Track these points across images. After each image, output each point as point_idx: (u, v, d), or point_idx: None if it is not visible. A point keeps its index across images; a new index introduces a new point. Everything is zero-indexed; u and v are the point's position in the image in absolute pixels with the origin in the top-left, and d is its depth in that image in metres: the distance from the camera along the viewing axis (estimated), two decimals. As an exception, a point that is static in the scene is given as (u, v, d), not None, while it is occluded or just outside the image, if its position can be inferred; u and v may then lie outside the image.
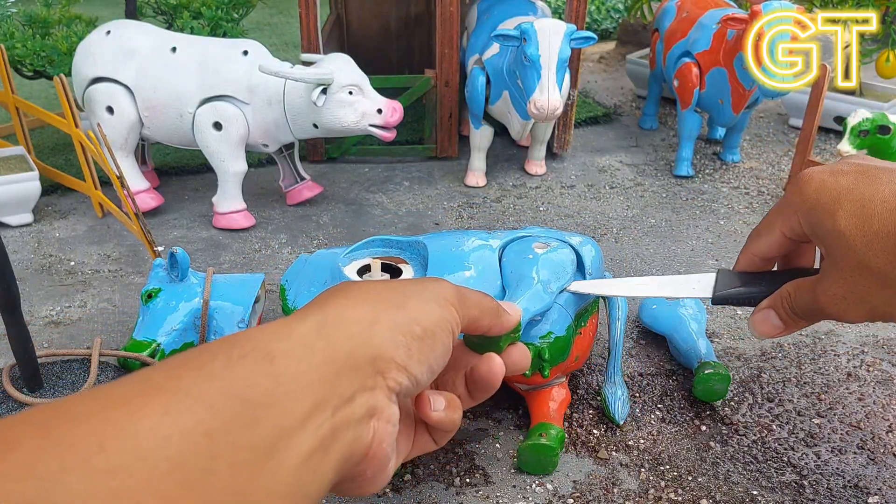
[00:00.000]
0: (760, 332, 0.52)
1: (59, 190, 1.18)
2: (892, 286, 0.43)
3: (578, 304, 0.68)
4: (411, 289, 0.36)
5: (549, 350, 0.64)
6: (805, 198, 0.47)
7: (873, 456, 0.68)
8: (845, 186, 0.45)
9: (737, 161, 1.33)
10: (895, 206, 0.43)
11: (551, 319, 0.64)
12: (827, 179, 0.46)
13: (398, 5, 1.62)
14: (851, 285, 0.45)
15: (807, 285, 0.48)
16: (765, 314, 0.51)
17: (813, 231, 0.47)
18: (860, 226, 0.44)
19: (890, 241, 0.42)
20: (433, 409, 0.37)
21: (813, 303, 0.48)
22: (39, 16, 1.25)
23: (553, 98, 1.02)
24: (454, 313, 0.36)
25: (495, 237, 0.71)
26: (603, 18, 2.14)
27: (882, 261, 0.43)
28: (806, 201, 0.47)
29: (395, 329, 0.33)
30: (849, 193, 0.45)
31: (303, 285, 0.71)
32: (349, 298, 0.34)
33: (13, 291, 0.64)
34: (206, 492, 0.24)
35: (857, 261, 0.44)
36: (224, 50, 1.03)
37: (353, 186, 1.23)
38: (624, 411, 0.70)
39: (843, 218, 0.44)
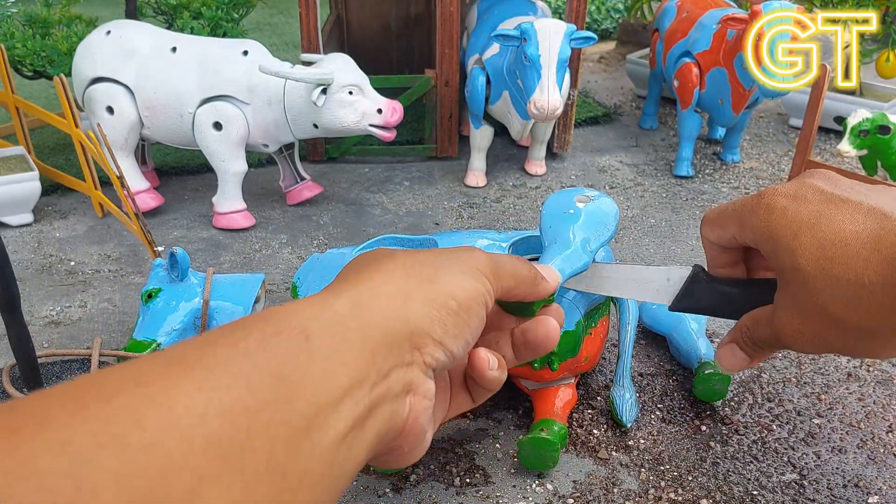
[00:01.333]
0: (728, 366, 0.50)
1: (59, 190, 1.17)
2: (849, 332, 0.41)
3: (588, 302, 0.68)
4: (444, 260, 0.36)
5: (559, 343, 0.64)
6: (766, 225, 0.44)
7: (873, 456, 0.68)
8: (806, 219, 0.43)
9: (737, 161, 1.33)
10: (856, 250, 0.40)
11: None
12: (788, 207, 0.44)
13: (398, 5, 1.62)
14: (808, 324, 0.43)
15: (763, 318, 0.47)
16: (729, 349, 0.50)
17: (771, 259, 0.45)
18: (820, 268, 0.41)
19: (850, 289, 0.40)
20: (490, 368, 0.37)
21: (772, 335, 0.46)
22: (39, 16, 1.25)
23: (553, 98, 1.02)
24: (488, 285, 0.36)
25: (505, 236, 0.72)
26: (603, 18, 2.14)
27: (841, 308, 0.41)
28: (766, 230, 0.44)
29: (429, 304, 0.33)
30: (809, 229, 0.42)
31: (314, 282, 0.72)
32: (382, 273, 0.34)
33: (13, 291, 0.64)
34: (243, 469, 0.24)
35: (815, 303, 0.42)
36: (224, 50, 1.03)
37: (353, 186, 1.23)
38: (632, 415, 0.70)
39: (802, 257, 0.42)
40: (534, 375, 0.66)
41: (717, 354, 0.51)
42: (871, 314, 0.40)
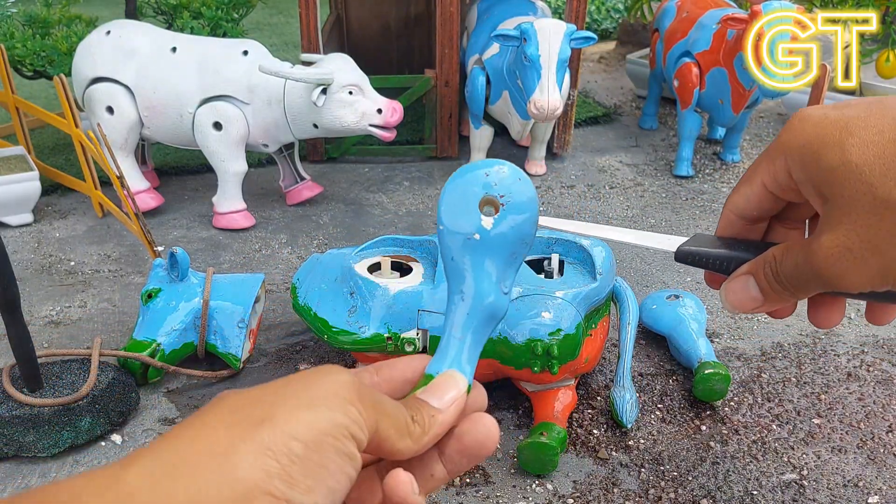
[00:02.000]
0: (733, 302, 0.42)
1: (59, 190, 1.17)
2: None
3: (589, 304, 0.68)
4: (286, 392, 0.28)
5: (559, 347, 0.64)
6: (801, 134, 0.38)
7: (873, 456, 0.68)
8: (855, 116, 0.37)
9: (737, 161, 1.33)
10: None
11: (562, 318, 0.64)
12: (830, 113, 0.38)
13: (398, 5, 1.62)
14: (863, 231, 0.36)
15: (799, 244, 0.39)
16: (742, 281, 0.42)
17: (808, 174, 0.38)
18: (879, 154, 0.35)
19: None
20: (412, 493, 0.30)
21: (806, 263, 0.38)
22: (39, 16, 1.25)
23: (553, 98, 1.02)
24: (354, 413, 0.28)
25: None
26: (603, 18, 2.14)
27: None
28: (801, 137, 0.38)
29: (263, 453, 0.26)
30: (861, 122, 0.37)
31: (314, 283, 0.72)
32: (196, 424, 0.27)
33: (13, 291, 0.64)
34: None
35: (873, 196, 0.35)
36: (224, 50, 1.03)
37: (353, 186, 1.23)
38: (632, 415, 0.70)
39: (854, 147, 0.36)
40: (534, 378, 0.66)
41: (724, 287, 0.43)
42: None
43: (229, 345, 0.77)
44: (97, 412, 0.67)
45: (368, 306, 0.67)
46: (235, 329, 0.77)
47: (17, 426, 0.65)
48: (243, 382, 0.77)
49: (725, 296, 0.42)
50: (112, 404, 0.69)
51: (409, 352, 0.67)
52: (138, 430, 0.70)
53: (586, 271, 0.71)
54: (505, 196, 0.35)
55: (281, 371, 0.79)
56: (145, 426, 0.71)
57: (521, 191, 0.36)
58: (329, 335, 0.67)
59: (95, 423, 0.67)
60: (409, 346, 0.66)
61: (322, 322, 0.68)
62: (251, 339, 0.81)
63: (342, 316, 0.68)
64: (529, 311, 0.64)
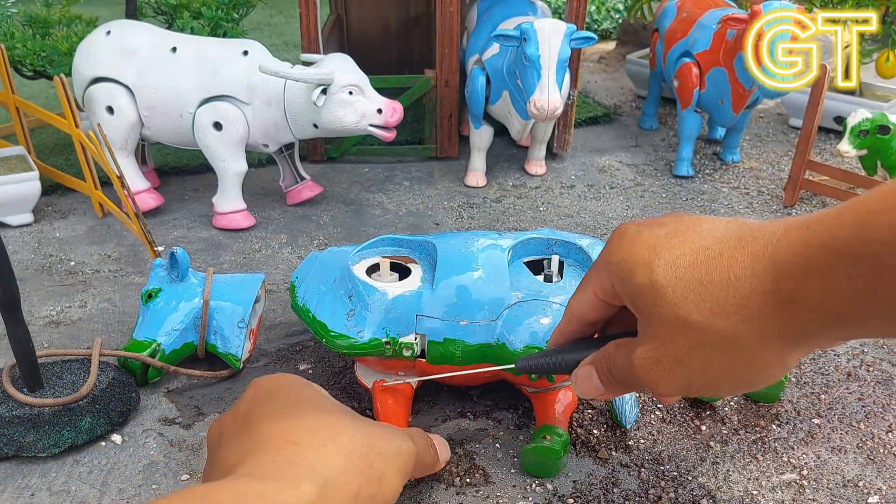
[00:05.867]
0: (581, 391, 0.46)
1: (59, 190, 1.18)
2: (712, 343, 0.38)
3: None
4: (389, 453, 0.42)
5: None
6: (618, 252, 0.42)
7: (873, 456, 0.68)
8: (662, 236, 0.40)
9: (737, 161, 1.33)
10: (718, 253, 0.37)
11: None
12: (642, 231, 0.42)
13: (398, 5, 1.62)
14: (667, 346, 0.39)
15: (626, 346, 0.42)
16: (587, 371, 0.45)
17: (624, 288, 0.41)
18: (679, 276, 0.38)
19: (714, 290, 0.37)
20: None
21: (628, 367, 0.42)
22: (39, 16, 1.25)
23: (553, 98, 1.02)
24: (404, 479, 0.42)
25: (506, 238, 0.72)
26: (603, 18, 2.14)
27: (704, 313, 0.37)
28: (618, 255, 0.41)
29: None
30: (666, 243, 0.40)
31: (313, 283, 0.72)
32: (342, 456, 0.38)
33: (13, 291, 0.64)
34: None
35: (675, 316, 0.38)
36: (224, 50, 1.03)
37: (353, 186, 1.23)
38: (632, 416, 0.70)
39: (659, 269, 0.39)
40: (532, 384, 0.66)
41: (574, 374, 0.47)
42: (739, 315, 0.37)
43: (229, 345, 0.77)
44: (97, 412, 0.68)
45: (366, 310, 0.67)
46: (235, 329, 0.77)
47: (17, 426, 0.65)
48: (243, 382, 0.77)
49: (574, 385, 0.47)
50: (112, 404, 0.69)
51: (407, 356, 0.66)
52: (138, 430, 0.70)
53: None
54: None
55: (281, 371, 0.79)
56: (145, 426, 0.71)
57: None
58: (327, 339, 0.67)
59: (96, 423, 0.67)
60: (406, 350, 0.66)
61: (321, 325, 0.68)
62: (251, 339, 0.81)
63: (340, 319, 0.67)
64: (528, 317, 0.64)
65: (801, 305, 0.35)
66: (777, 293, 0.35)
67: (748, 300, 0.36)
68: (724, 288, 0.37)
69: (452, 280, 0.67)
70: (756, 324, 0.36)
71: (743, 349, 0.37)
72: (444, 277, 0.67)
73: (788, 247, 0.35)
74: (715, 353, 0.38)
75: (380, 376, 0.71)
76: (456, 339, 0.65)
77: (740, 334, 0.37)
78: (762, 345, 0.37)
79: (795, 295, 0.35)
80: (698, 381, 0.39)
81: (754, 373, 0.38)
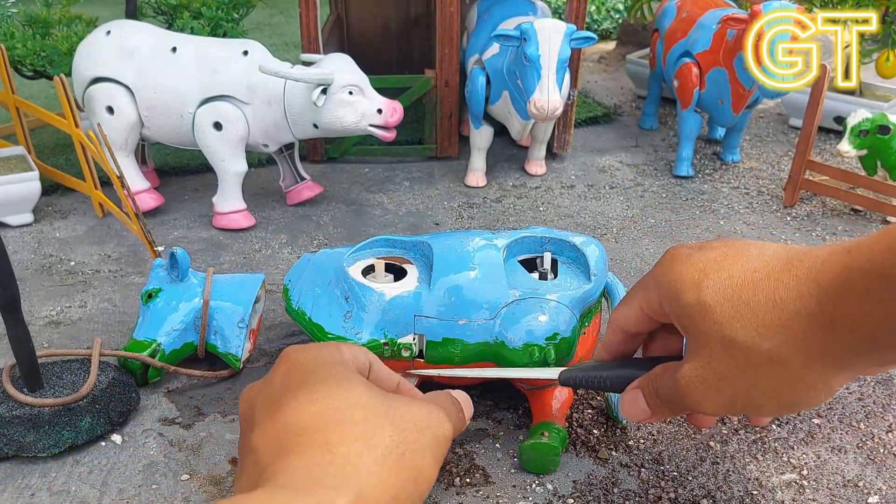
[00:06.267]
0: (627, 414, 0.48)
1: (59, 190, 1.18)
2: (757, 364, 0.39)
3: (584, 305, 0.68)
4: (424, 445, 0.41)
5: (555, 351, 0.64)
6: (668, 272, 0.44)
7: (873, 456, 0.68)
8: (712, 259, 0.42)
9: (737, 161, 1.33)
10: (765, 275, 0.39)
11: (558, 321, 0.64)
12: (693, 254, 0.43)
13: (398, 5, 1.62)
14: (714, 365, 0.40)
15: (672, 368, 0.44)
16: (633, 395, 0.47)
17: (672, 307, 0.43)
18: (727, 297, 0.40)
19: (760, 312, 0.38)
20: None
21: (674, 388, 0.43)
22: (39, 16, 1.25)
23: (553, 98, 1.02)
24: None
25: (500, 237, 0.72)
26: (603, 18, 2.14)
27: (751, 333, 0.39)
28: (669, 275, 0.43)
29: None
30: (716, 265, 0.41)
31: (307, 285, 0.71)
32: (375, 461, 0.38)
33: (13, 291, 0.64)
34: None
35: (722, 335, 0.39)
36: (224, 50, 1.03)
37: (353, 186, 1.23)
38: None
39: (708, 290, 0.40)
40: (529, 381, 0.66)
41: (621, 399, 0.49)
42: (784, 335, 0.38)
43: (229, 345, 0.77)
44: (97, 412, 0.68)
45: (364, 311, 0.67)
46: (235, 329, 0.77)
47: (17, 426, 0.65)
48: (243, 382, 0.77)
49: (621, 408, 0.49)
50: (112, 404, 0.69)
51: (406, 357, 0.66)
52: (138, 430, 0.70)
53: (580, 271, 0.71)
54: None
55: (281, 371, 0.79)
56: (145, 426, 0.71)
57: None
58: (324, 341, 0.67)
59: (96, 423, 0.67)
60: (405, 350, 0.66)
61: (318, 328, 0.68)
62: (251, 339, 0.81)
63: (337, 321, 0.67)
64: (526, 314, 0.64)
65: (841, 327, 0.36)
66: (820, 315, 0.36)
67: (793, 321, 0.37)
68: (770, 309, 0.38)
69: (449, 279, 0.67)
70: (800, 345, 0.37)
71: (787, 370, 0.38)
72: (440, 277, 0.67)
73: (830, 270, 0.36)
74: (760, 373, 0.39)
75: None
76: (454, 339, 0.66)
77: (785, 355, 0.38)
78: (806, 366, 0.38)
79: (835, 317, 0.36)
80: (742, 401, 0.40)
81: (798, 394, 0.39)
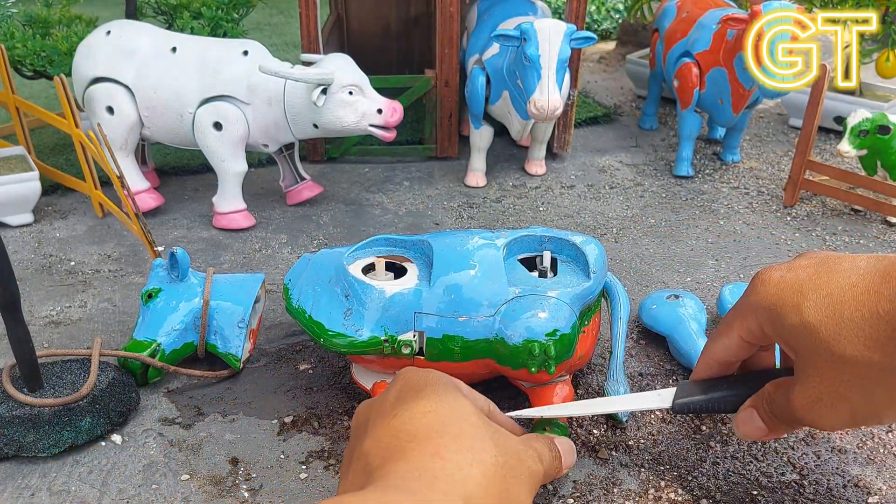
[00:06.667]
0: (744, 434, 0.49)
1: (59, 190, 1.18)
2: (870, 376, 0.39)
3: (583, 303, 0.68)
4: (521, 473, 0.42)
5: (556, 347, 0.64)
6: (764, 297, 0.44)
7: (873, 456, 0.68)
8: (806, 278, 0.42)
9: (737, 161, 1.33)
10: (864, 289, 0.40)
11: (558, 317, 0.65)
12: (786, 276, 0.44)
13: (398, 5, 1.62)
14: (826, 383, 0.41)
15: (784, 386, 0.45)
16: (748, 414, 0.48)
17: (776, 331, 0.44)
18: (830, 315, 0.40)
19: (865, 326, 0.39)
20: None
21: (787, 407, 0.44)
22: (39, 16, 1.25)
23: (553, 98, 1.02)
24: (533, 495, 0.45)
25: (500, 236, 0.72)
26: (603, 18, 2.14)
27: (859, 347, 0.39)
28: (766, 300, 0.44)
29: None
30: (812, 284, 0.42)
31: (307, 284, 0.71)
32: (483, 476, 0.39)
33: (13, 291, 0.64)
34: None
35: (830, 353, 0.40)
36: (224, 50, 1.03)
37: (353, 186, 1.23)
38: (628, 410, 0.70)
39: (809, 310, 0.41)
40: (531, 378, 0.66)
41: (735, 419, 0.49)
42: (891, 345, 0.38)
43: (229, 345, 0.77)
44: (97, 412, 0.68)
45: (364, 309, 0.67)
46: (235, 329, 0.77)
47: (17, 426, 0.65)
48: (243, 382, 0.77)
49: (736, 428, 0.49)
50: (112, 404, 0.69)
51: (406, 353, 0.66)
52: (138, 430, 0.70)
53: (580, 269, 0.71)
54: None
55: (281, 371, 0.79)
56: (145, 426, 0.71)
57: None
58: (325, 338, 0.67)
59: (96, 423, 0.67)
60: (405, 347, 0.66)
61: (318, 325, 0.68)
62: (251, 339, 0.81)
63: (338, 319, 0.68)
64: (525, 311, 0.64)
65: None
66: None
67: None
68: (874, 322, 0.38)
69: (449, 277, 0.67)
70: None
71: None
72: (441, 275, 0.67)
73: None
74: (874, 385, 0.39)
75: (378, 377, 0.71)
76: (455, 336, 0.66)
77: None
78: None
79: None
80: (862, 413, 0.41)
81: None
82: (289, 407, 0.74)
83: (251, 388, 0.76)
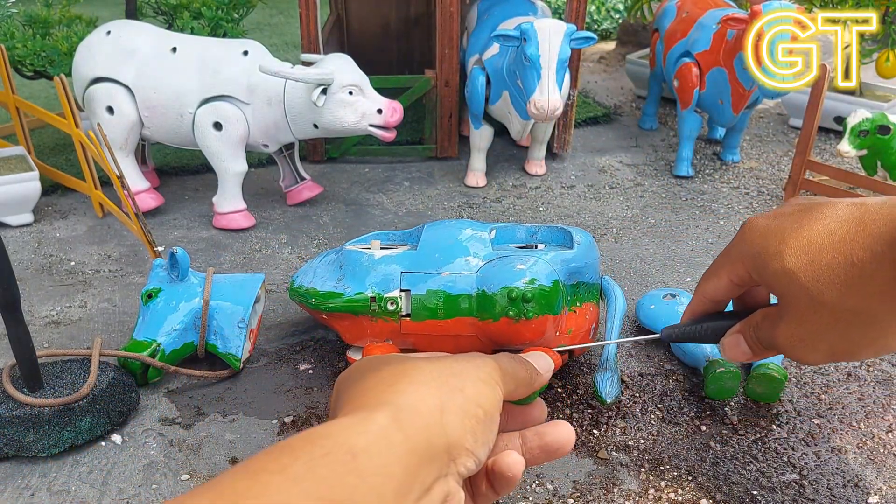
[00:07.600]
0: (730, 356, 0.52)
1: (59, 190, 1.18)
2: (846, 319, 0.42)
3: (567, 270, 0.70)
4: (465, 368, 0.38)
5: (533, 294, 0.65)
6: (750, 244, 0.46)
7: (873, 456, 0.68)
8: (789, 226, 0.44)
9: (737, 161, 1.33)
10: (842, 237, 0.42)
11: (536, 271, 0.67)
12: (770, 223, 0.46)
13: (398, 5, 1.62)
14: (807, 325, 0.44)
15: (771, 318, 0.47)
16: (735, 339, 0.51)
17: (761, 276, 0.46)
18: (809, 262, 0.42)
19: (840, 272, 0.41)
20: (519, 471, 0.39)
21: (772, 340, 0.47)
22: (39, 16, 1.25)
23: (553, 98, 1.02)
24: (499, 391, 0.38)
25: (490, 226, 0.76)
26: (603, 18, 2.14)
27: (834, 293, 0.41)
28: (751, 248, 0.46)
29: (463, 415, 0.35)
30: (793, 231, 0.44)
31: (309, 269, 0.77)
32: (415, 384, 0.35)
33: (13, 291, 0.64)
34: None
35: (809, 298, 0.43)
36: (224, 50, 1.03)
37: (353, 186, 1.23)
38: (612, 391, 0.70)
39: (790, 257, 0.43)
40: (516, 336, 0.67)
41: (722, 342, 0.52)
42: (866, 292, 0.41)
43: (229, 345, 0.77)
44: (97, 412, 0.68)
45: (354, 273, 0.72)
46: (235, 329, 0.77)
47: (17, 426, 0.65)
48: (243, 382, 0.77)
49: (722, 350, 0.52)
50: (112, 404, 0.69)
51: (392, 312, 0.70)
52: (138, 429, 0.70)
53: (567, 248, 0.74)
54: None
55: (281, 371, 0.79)
56: (145, 426, 0.71)
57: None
58: (316, 299, 0.72)
59: (96, 423, 0.67)
60: (391, 304, 0.70)
61: (311, 291, 0.73)
62: (251, 339, 0.81)
63: (330, 284, 0.73)
64: (505, 266, 0.68)
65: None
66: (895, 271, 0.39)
67: (872, 279, 0.40)
68: (849, 269, 0.41)
69: (437, 241, 0.72)
70: (882, 299, 0.40)
71: (875, 323, 0.41)
72: (428, 241, 0.72)
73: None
74: (850, 328, 0.42)
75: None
76: (437, 290, 0.69)
77: (869, 310, 0.41)
78: (891, 317, 0.41)
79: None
80: (839, 352, 0.44)
81: (888, 339, 0.42)
82: (289, 407, 0.74)
83: (251, 388, 0.76)
